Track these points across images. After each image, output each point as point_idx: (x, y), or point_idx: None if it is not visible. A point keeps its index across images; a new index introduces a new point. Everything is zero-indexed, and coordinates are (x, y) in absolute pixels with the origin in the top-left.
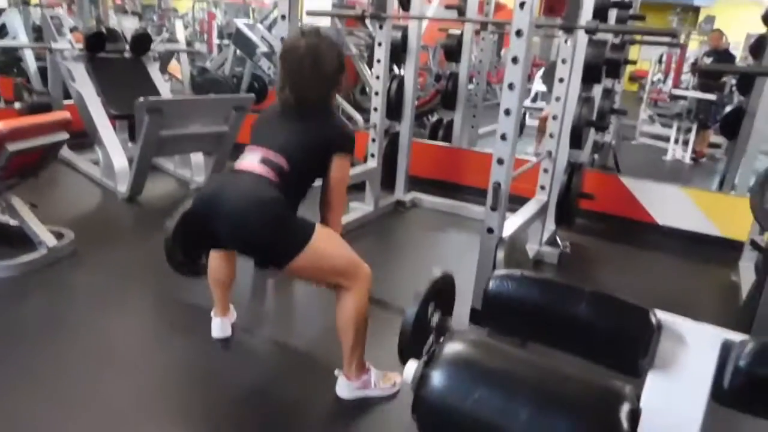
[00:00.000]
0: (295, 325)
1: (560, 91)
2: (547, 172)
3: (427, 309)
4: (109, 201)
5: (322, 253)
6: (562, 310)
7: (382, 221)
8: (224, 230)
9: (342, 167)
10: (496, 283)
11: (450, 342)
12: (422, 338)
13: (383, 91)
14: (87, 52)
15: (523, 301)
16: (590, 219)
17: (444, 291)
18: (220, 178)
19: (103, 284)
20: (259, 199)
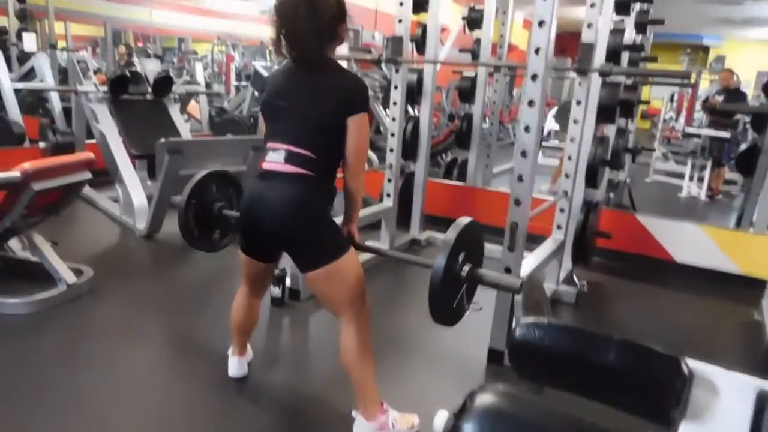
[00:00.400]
0: (311, 364)
1: (575, 132)
2: (564, 212)
3: (457, 258)
4: (128, 238)
5: (347, 273)
6: (591, 358)
7: (398, 261)
8: (268, 230)
9: (360, 128)
10: (523, 331)
11: (482, 393)
12: (452, 290)
13: (399, 132)
14: (111, 94)
15: (551, 349)
16: (607, 257)
17: (473, 241)
18: (256, 184)
19: (120, 320)
20: (297, 200)
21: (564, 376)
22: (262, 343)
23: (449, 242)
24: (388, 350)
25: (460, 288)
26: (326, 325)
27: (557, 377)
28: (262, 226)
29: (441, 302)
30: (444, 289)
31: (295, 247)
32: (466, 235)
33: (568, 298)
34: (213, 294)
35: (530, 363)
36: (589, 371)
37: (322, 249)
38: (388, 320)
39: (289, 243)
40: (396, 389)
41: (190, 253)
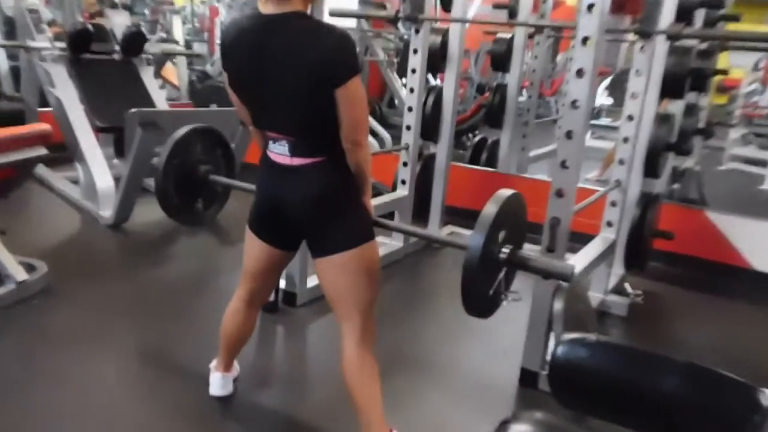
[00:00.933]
0: (307, 383)
1: (633, 108)
2: (616, 206)
3: (496, 237)
4: (90, 228)
5: (368, 264)
6: (648, 385)
7: (412, 260)
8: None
9: (352, 99)
10: (566, 349)
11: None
12: (490, 275)
13: (418, 106)
14: (70, 52)
15: (599, 371)
16: (667, 262)
17: (515, 218)
18: (269, 178)
19: (80, 327)
20: (319, 195)
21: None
22: (250, 356)
23: (488, 217)
24: (399, 369)
25: (498, 272)
26: (327, 335)
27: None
28: (283, 214)
29: (476, 288)
30: (480, 272)
31: (317, 231)
32: (507, 210)
33: (618, 310)
34: (193, 297)
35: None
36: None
37: (345, 231)
38: (399, 333)
39: (311, 230)
40: (408, 416)
41: (165, 248)
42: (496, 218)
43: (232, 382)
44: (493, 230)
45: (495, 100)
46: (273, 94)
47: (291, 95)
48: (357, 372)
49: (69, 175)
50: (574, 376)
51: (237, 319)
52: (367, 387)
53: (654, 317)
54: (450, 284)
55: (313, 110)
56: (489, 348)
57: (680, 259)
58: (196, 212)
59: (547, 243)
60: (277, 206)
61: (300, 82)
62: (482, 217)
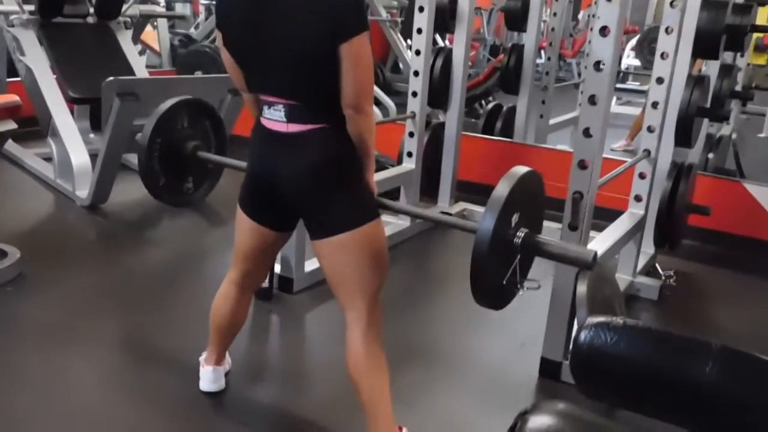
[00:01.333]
0: (306, 376)
1: (663, 70)
2: (645, 178)
3: (509, 220)
4: (65, 209)
5: (374, 243)
6: (680, 371)
7: (421, 241)
8: (288, 194)
9: (358, 56)
10: (590, 334)
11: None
12: (503, 261)
13: (425, 70)
14: (40, 16)
15: (626, 358)
16: (702, 240)
17: (531, 198)
18: (263, 149)
19: (57, 317)
20: (318, 166)
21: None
22: (243, 348)
23: (500, 198)
24: (408, 360)
25: (513, 259)
26: (327, 324)
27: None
28: (277, 192)
29: (487, 277)
30: (492, 259)
31: (316, 209)
32: (521, 189)
33: (648, 293)
34: (179, 283)
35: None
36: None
37: (347, 209)
38: (408, 321)
39: (309, 207)
40: (418, 412)
41: (149, 230)
42: (509, 199)
43: (224, 376)
44: (505, 212)
45: (510, 62)
46: (273, 49)
47: (292, 50)
48: (363, 364)
49: (41, 151)
50: (599, 363)
51: (228, 305)
52: (374, 381)
53: (688, 300)
54: (463, 267)
55: (316, 67)
56: (506, 337)
57: (716, 236)
58: (185, 192)
59: (569, 220)
60: (271, 181)
61: (303, 35)
62: (493, 198)
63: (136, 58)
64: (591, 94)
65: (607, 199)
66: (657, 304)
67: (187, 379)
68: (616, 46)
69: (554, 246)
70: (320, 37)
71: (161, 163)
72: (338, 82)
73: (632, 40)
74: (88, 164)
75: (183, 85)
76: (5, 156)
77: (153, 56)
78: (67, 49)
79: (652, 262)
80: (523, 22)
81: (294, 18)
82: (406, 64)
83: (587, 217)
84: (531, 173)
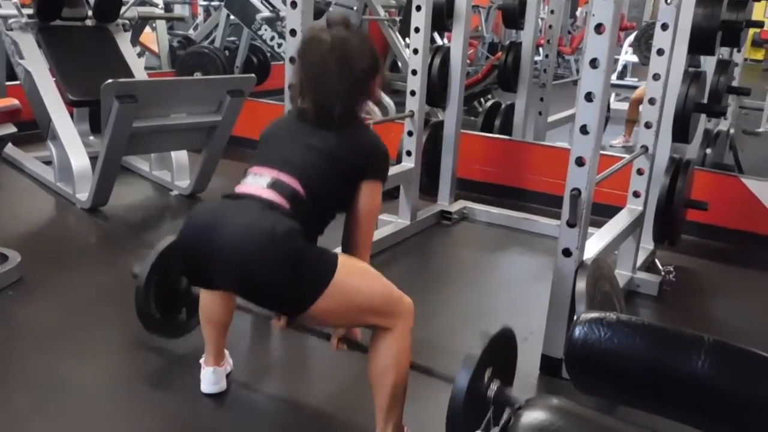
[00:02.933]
0: (307, 377)
1: (659, 67)
2: (643, 174)
3: (483, 376)
4: (66, 212)
5: (352, 290)
6: (673, 366)
7: (422, 239)
8: (223, 271)
9: (373, 195)
10: (584, 329)
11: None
12: (477, 414)
13: (423, 69)
14: (38, 19)
15: (620, 353)
16: (701, 235)
17: (503, 352)
18: (215, 205)
19: (58, 321)
20: (270, 231)
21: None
22: (245, 347)
23: (474, 357)
24: None
25: (486, 411)
26: None
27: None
28: (214, 256)
29: (462, 426)
30: (466, 412)
31: (272, 292)
32: (496, 346)
33: (648, 289)
34: None
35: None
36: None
37: (307, 279)
38: None
39: (254, 289)
40: (421, 409)
41: (149, 232)
42: (482, 357)
43: (225, 377)
44: (478, 370)
45: (508, 60)
46: (305, 152)
47: (324, 164)
48: (389, 372)
49: (41, 154)
50: (593, 358)
51: (214, 302)
52: (397, 388)
53: (688, 295)
54: (464, 264)
55: (333, 173)
56: None
57: (715, 231)
58: (179, 324)
59: (567, 217)
60: (210, 243)
61: (339, 161)
62: (466, 358)
63: (135, 60)
64: (587, 91)
65: (606, 195)
66: (657, 299)
67: (188, 380)
68: (611, 43)
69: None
70: (349, 170)
71: (156, 300)
72: (337, 195)
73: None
74: (88, 167)
75: (182, 87)
76: (5, 159)
77: (152, 58)
78: (65, 51)
79: (652, 258)
80: (520, 20)
81: (331, 153)
82: (404, 62)
83: (586, 214)
84: (504, 331)
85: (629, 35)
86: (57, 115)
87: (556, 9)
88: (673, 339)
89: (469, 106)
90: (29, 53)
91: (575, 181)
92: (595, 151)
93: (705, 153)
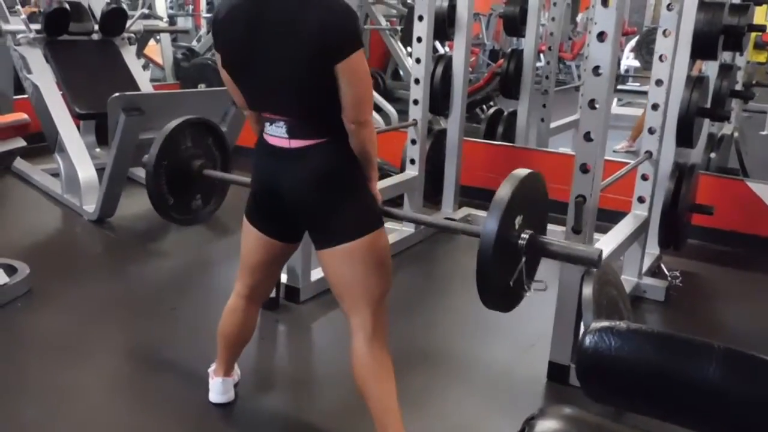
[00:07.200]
0: (315, 386)
1: (662, 71)
2: (647, 180)
3: (513, 222)
4: (73, 224)
5: (378, 252)
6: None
7: (426, 247)
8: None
9: (354, 74)
10: (594, 338)
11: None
12: (509, 264)
13: (425, 77)
14: (46, 34)
15: (630, 361)
16: (707, 239)
17: (533, 199)
18: (266, 163)
19: (67, 331)
20: (320, 175)
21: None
22: (251, 358)
23: (502, 200)
24: (414, 365)
25: (519, 261)
26: (334, 333)
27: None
28: (282, 204)
29: (493, 279)
30: (497, 261)
31: (319, 220)
32: (524, 191)
33: (654, 294)
34: (187, 295)
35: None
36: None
37: (350, 220)
38: (413, 325)
39: (312, 219)
40: (424, 418)
41: (156, 243)
42: (511, 201)
43: (233, 387)
44: (508, 215)
45: (510, 67)
46: (270, 70)
47: (289, 71)
48: (369, 370)
49: (49, 167)
50: (604, 366)
51: (236, 317)
52: (380, 387)
53: (695, 300)
54: (468, 271)
55: (313, 87)
56: (513, 340)
57: (721, 235)
58: (194, 210)
59: (572, 223)
60: (275, 194)
61: (299, 56)
62: (496, 201)
63: (140, 72)
64: (591, 98)
65: (610, 201)
66: (664, 305)
67: (197, 390)
68: (614, 50)
69: (559, 246)
70: (315, 58)
71: (168, 184)
72: (337, 98)
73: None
74: (95, 179)
75: (187, 99)
76: (14, 173)
77: (156, 70)
78: (72, 65)
79: (658, 263)
80: (521, 27)
81: (288, 39)
82: (406, 71)
83: (591, 220)
84: (533, 174)
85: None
86: (64, 128)
87: (557, 16)
88: (682, 346)
89: (472, 114)
90: (37, 67)
91: (580, 188)
92: (599, 158)
93: (709, 157)
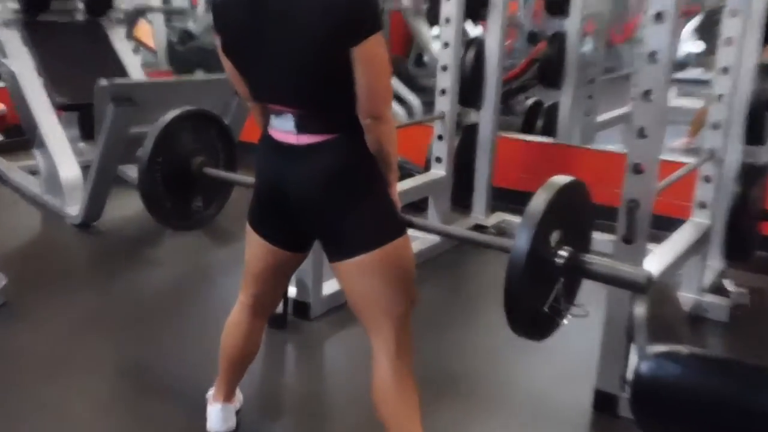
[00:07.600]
0: (325, 410)
1: (728, 59)
2: (710, 182)
3: (548, 238)
4: (55, 228)
5: (400, 262)
6: (752, 404)
7: (454, 257)
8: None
9: (372, 59)
10: (652, 365)
11: None
12: (543, 285)
13: (455, 64)
14: (24, 13)
15: (694, 391)
16: None
17: (574, 212)
18: (271, 159)
19: (48, 348)
20: (330, 174)
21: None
22: (255, 382)
23: (536, 212)
24: (443, 392)
25: (555, 282)
26: (348, 354)
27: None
28: (288, 209)
29: (523, 303)
30: (528, 283)
31: (331, 228)
32: (563, 202)
33: (716, 314)
34: (182, 309)
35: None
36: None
37: (367, 227)
38: (441, 347)
39: (323, 226)
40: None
41: (147, 250)
42: (546, 214)
43: (235, 414)
44: (542, 230)
45: (551, 52)
46: (276, 57)
47: (298, 57)
48: (392, 396)
49: (27, 164)
50: (662, 396)
51: (239, 333)
52: (404, 414)
53: (763, 321)
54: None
55: (323, 75)
56: (554, 365)
57: None
58: (195, 212)
59: (623, 232)
60: (280, 196)
61: (309, 41)
62: (528, 214)
63: (131, 57)
64: (645, 89)
65: (667, 206)
66: (728, 326)
67: (193, 417)
68: (672, 33)
69: (602, 266)
70: (328, 40)
71: (164, 184)
72: (352, 87)
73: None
74: (79, 177)
75: (184, 88)
76: None
77: (148, 54)
78: (54, 49)
79: (721, 279)
80: (564, 7)
81: (298, 19)
82: (432, 57)
83: (644, 228)
84: (574, 183)
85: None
86: (44, 120)
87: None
88: (751, 374)
89: (507, 105)
90: (13, 52)
91: (632, 191)
92: (655, 157)
93: None
